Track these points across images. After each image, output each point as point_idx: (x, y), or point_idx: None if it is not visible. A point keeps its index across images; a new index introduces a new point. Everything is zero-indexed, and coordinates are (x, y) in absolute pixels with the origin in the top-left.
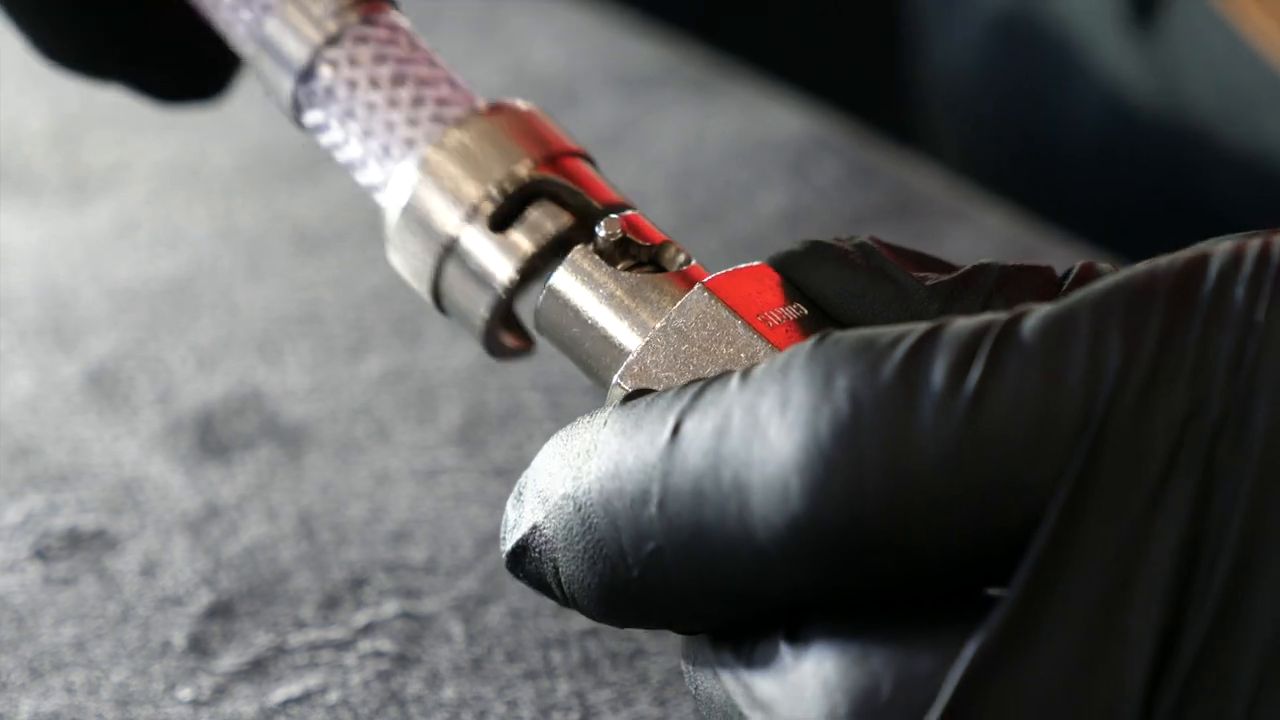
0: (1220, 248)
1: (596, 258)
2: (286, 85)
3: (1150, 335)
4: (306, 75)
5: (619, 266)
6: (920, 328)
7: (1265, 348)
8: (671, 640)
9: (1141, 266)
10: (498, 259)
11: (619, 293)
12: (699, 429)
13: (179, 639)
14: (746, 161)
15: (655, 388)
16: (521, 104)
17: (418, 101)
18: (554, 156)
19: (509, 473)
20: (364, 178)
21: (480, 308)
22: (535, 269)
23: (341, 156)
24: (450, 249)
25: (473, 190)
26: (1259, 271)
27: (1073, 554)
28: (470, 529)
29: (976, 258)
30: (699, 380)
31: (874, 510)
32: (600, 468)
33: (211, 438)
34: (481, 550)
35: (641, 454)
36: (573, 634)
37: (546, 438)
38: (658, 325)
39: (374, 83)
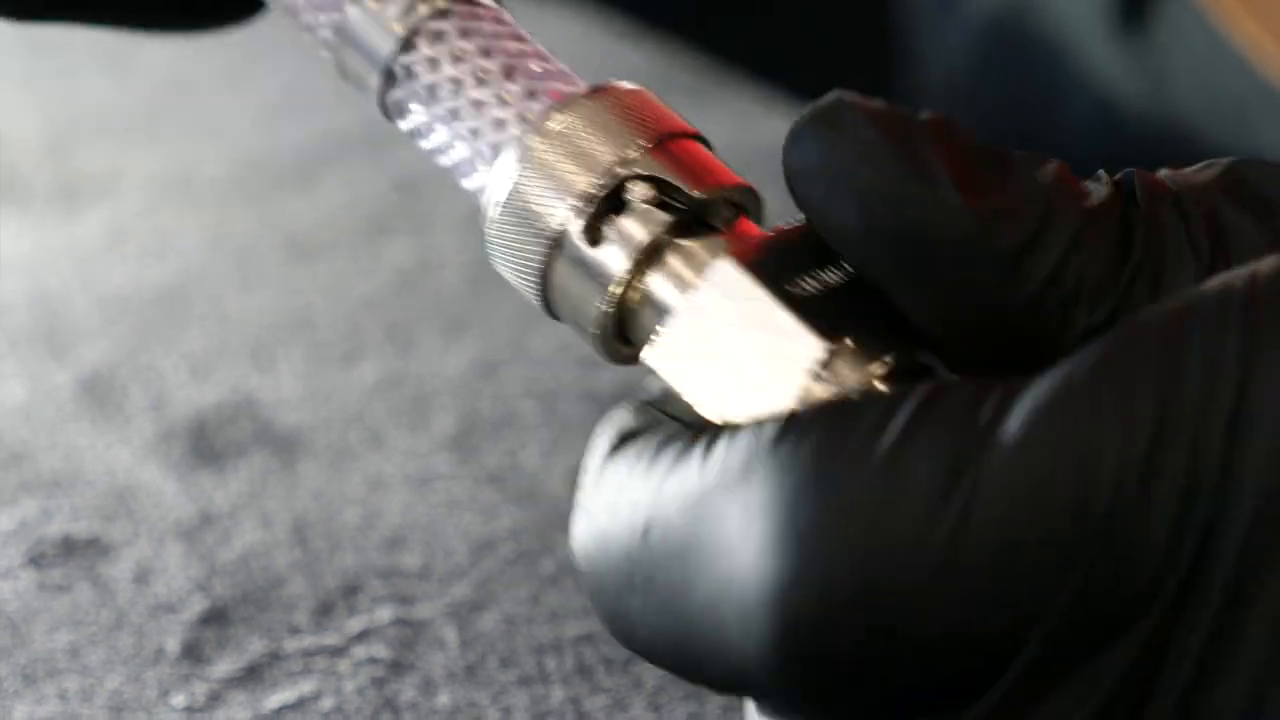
0: (1202, 304)
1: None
2: (373, 85)
3: (1141, 430)
4: (390, 77)
5: (661, 224)
6: (890, 437)
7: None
8: None
9: (1128, 331)
10: (612, 251)
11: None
12: (666, 539)
13: (173, 646)
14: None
15: (680, 370)
16: (625, 84)
17: (502, 100)
18: (664, 139)
19: (502, 479)
20: (470, 183)
21: (594, 303)
22: (651, 258)
23: (443, 162)
24: (558, 244)
25: (580, 179)
26: (1244, 337)
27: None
28: (464, 535)
29: None
30: (662, 454)
31: (846, 655)
32: (590, 537)
33: (205, 445)
34: (475, 556)
35: (621, 546)
36: (567, 640)
37: (540, 445)
38: (683, 301)
39: (459, 79)
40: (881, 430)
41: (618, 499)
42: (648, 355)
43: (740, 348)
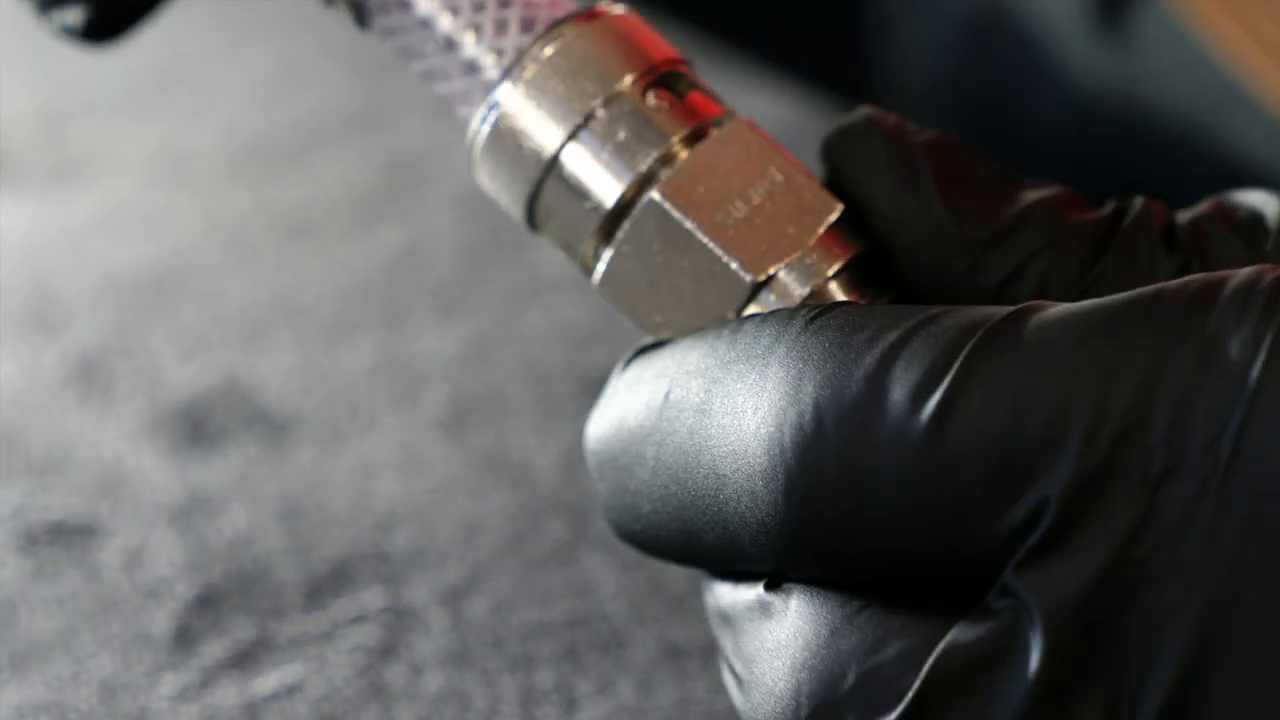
0: (1234, 280)
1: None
2: None
3: (1131, 379)
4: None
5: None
6: (895, 333)
7: (1253, 416)
8: (653, 629)
9: (1148, 290)
10: (603, 178)
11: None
12: (685, 400)
13: (163, 630)
14: None
15: (624, 294)
16: (618, 9)
17: (504, 3)
18: (656, 67)
19: (494, 462)
20: (444, 89)
21: (586, 229)
22: (643, 188)
23: (419, 67)
24: (551, 168)
25: (574, 106)
26: (1265, 319)
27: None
28: (455, 519)
29: None
30: (692, 336)
31: (830, 530)
32: (607, 421)
33: (196, 427)
34: (466, 540)
35: (639, 416)
36: (556, 624)
37: (532, 427)
38: (620, 232)
39: (456, 4)
40: (886, 331)
41: (642, 375)
42: (595, 280)
43: (677, 276)
